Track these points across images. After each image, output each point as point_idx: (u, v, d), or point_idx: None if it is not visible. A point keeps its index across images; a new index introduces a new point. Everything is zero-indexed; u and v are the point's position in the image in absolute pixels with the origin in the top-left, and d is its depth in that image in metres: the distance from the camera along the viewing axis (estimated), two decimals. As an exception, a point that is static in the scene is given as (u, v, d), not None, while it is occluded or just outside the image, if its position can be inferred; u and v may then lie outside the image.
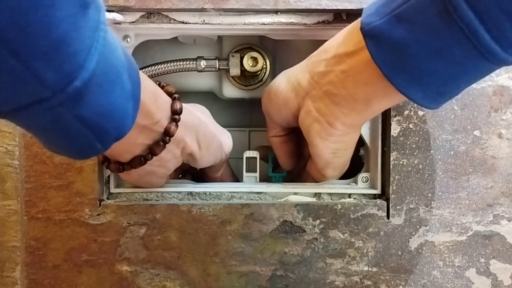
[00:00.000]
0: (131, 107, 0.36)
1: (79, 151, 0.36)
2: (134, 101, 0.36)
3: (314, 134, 0.45)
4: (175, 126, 0.42)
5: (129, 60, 0.36)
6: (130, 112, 0.36)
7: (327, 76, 0.43)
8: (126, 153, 0.42)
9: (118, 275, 0.49)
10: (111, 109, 0.34)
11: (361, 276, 0.49)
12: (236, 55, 0.55)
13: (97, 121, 0.33)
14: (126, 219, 0.48)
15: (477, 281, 0.49)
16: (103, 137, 0.35)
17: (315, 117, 0.45)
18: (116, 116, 0.35)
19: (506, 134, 0.48)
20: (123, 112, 0.35)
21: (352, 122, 0.44)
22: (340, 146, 0.46)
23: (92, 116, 0.33)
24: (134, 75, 0.36)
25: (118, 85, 0.34)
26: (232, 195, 0.50)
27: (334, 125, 0.44)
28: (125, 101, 0.35)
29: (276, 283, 0.49)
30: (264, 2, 0.48)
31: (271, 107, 0.50)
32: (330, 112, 0.44)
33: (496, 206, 0.48)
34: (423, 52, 0.36)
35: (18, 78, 0.27)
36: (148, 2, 0.47)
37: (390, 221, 0.49)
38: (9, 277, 0.48)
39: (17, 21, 0.26)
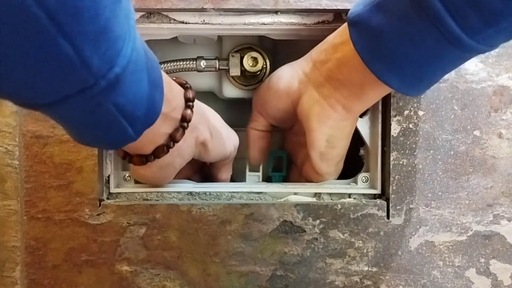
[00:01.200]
0: (158, 95, 0.37)
1: (114, 140, 0.37)
2: (160, 90, 0.38)
3: (313, 117, 0.47)
4: (190, 111, 0.43)
5: (149, 51, 0.38)
6: (158, 100, 0.38)
7: (327, 63, 0.46)
8: (150, 143, 0.43)
9: (118, 275, 0.49)
10: (143, 96, 0.35)
11: (361, 276, 0.49)
12: (236, 55, 0.55)
13: (131, 108, 0.34)
14: (126, 219, 0.48)
15: (477, 281, 0.49)
16: (136, 124, 0.36)
17: (316, 99, 0.47)
18: (147, 103, 0.36)
19: (506, 134, 0.48)
20: (152, 99, 0.36)
21: (351, 106, 0.46)
22: (336, 133, 0.48)
23: (127, 103, 0.34)
24: (158, 65, 0.38)
25: (147, 73, 0.35)
26: (232, 195, 0.50)
27: (335, 107, 0.46)
28: (153, 89, 0.36)
29: (276, 283, 0.49)
30: (264, 2, 0.48)
31: (269, 94, 0.51)
32: (332, 95, 0.46)
33: (496, 206, 0.48)
34: (397, 38, 0.38)
35: (68, 64, 0.28)
36: (148, 2, 0.47)
37: (390, 221, 0.49)
38: (9, 277, 0.48)
39: (71, 5, 0.26)
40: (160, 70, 0.39)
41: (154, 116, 0.38)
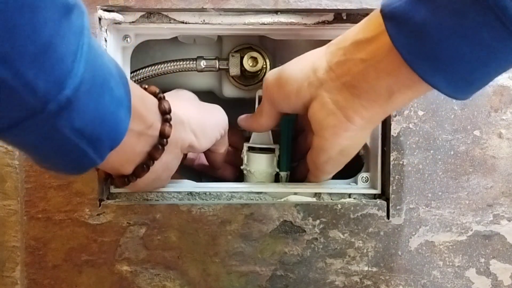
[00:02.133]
0: (123, 113, 0.35)
1: (76, 165, 0.35)
2: (125, 107, 0.35)
3: (327, 129, 0.42)
4: (168, 126, 0.41)
5: (116, 66, 0.36)
6: (123, 118, 0.35)
7: (346, 65, 0.39)
8: (127, 164, 0.41)
9: (118, 275, 0.49)
10: (103, 116, 0.33)
11: (361, 276, 0.49)
12: (236, 55, 0.55)
13: (91, 130, 0.32)
14: (126, 219, 0.48)
15: (477, 281, 0.49)
16: (98, 146, 0.34)
17: (331, 110, 0.41)
18: (109, 123, 0.34)
19: (506, 134, 0.48)
20: (115, 118, 0.34)
21: (372, 116, 0.41)
22: (351, 143, 0.44)
23: (85, 125, 0.32)
24: (123, 81, 0.36)
25: (107, 91, 0.33)
26: (232, 195, 0.50)
27: (353, 119, 0.40)
28: (116, 108, 0.34)
29: (276, 283, 0.49)
30: (264, 2, 0.48)
31: (279, 93, 0.46)
32: (349, 105, 0.40)
33: (496, 206, 0.48)
34: (447, 34, 0.33)
35: (9, 90, 0.26)
36: (148, 2, 0.47)
37: (390, 221, 0.49)
38: (9, 277, 0.48)
39: (3, 22, 0.24)
40: (127, 85, 0.36)
41: (119, 136, 0.35)
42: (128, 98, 0.36)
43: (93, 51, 0.31)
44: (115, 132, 0.35)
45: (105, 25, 0.48)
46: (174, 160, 0.45)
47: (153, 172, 0.43)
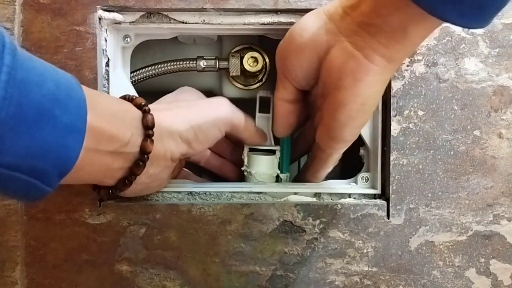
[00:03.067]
0: (71, 140, 0.34)
1: (26, 195, 0.34)
2: (76, 133, 0.34)
3: (347, 75, 0.40)
4: (150, 142, 0.40)
5: (70, 89, 0.34)
6: (71, 145, 0.34)
7: (359, 7, 0.38)
8: (107, 178, 0.41)
9: (118, 275, 0.49)
10: (42, 148, 0.32)
11: (361, 276, 0.49)
12: (236, 55, 0.55)
13: (29, 164, 0.32)
14: (126, 219, 0.48)
15: (477, 281, 0.49)
16: (43, 177, 0.33)
17: (350, 53, 0.39)
18: (51, 153, 0.32)
19: (506, 134, 0.48)
20: (59, 147, 0.33)
21: (392, 54, 0.39)
22: (373, 91, 0.41)
23: (19, 160, 0.31)
24: (76, 105, 0.34)
25: (46, 122, 0.32)
26: (232, 195, 0.50)
27: (373, 59, 0.39)
28: (60, 136, 0.33)
29: (276, 283, 0.49)
30: (264, 2, 0.48)
31: (291, 50, 0.43)
32: (368, 44, 0.38)
33: (496, 206, 0.48)
34: None
35: None
36: (148, 2, 0.47)
37: (390, 221, 0.49)
38: (9, 277, 0.48)
39: None
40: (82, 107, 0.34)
41: (68, 164, 0.34)
42: (80, 121, 0.34)
43: (19, 86, 0.30)
44: (61, 161, 0.34)
45: (105, 25, 0.48)
46: (163, 171, 0.44)
47: (139, 184, 0.42)
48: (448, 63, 0.48)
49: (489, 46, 0.48)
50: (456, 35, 0.48)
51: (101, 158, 0.37)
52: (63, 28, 0.47)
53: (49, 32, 0.47)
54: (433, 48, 0.48)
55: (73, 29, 0.47)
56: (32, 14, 0.47)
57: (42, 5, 0.47)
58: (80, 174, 0.36)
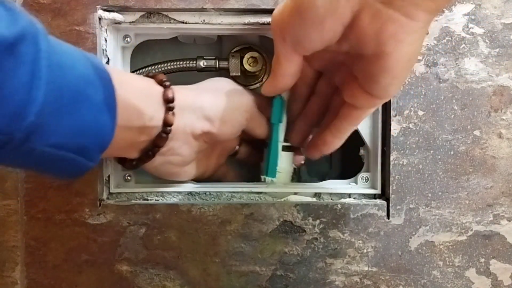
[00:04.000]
0: (107, 117, 0.36)
1: (71, 171, 0.36)
2: (109, 110, 0.36)
3: (388, 40, 0.34)
4: (171, 114, 0.42)
5: (97, 68, 0.36)
6: (107, 122, 0.36)
7: None
8: (133, 151, 0.43)
9: (118, 275, 0.49)
10: (83, 127, 0.34)
11: (361, 276, 0.49)
12: (236, 55, 0.55)
13: (72, 142, 0.34)
14: (126, 219, 0.48)
15: (477, 281, 0.49)
16: (85, 153, 0.35)
17: (388, 15, 0.33)
18: (91, 131, 0.35)
19: (506, 134, 0.48)
20: (97, 125, 0.35)
21: (438, 5, 0.33)
22: (416, 47, 0.36)
23: (64, 139, 0.33)
24: (105, 84, 0.36)
25: (83, 102, 0.34)
26: (232, 195, 0.50)
27: (416, 16, 0.33)
28: (97, 114, 0.35)
29: (276, 283, 0.49)
30: (264, 2, 0.48)
31: (305, 22, 0.36)
32: (408, 2, 0.32)
33: (496, 206, 0.48)
34: None
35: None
36: (148, 2, 0.47)
37: (390, 221, 0.49)
38: (9, 277, 0.48)
39: None
40: (110, 86, 0.36)
41: (105, 140, 0.37)
42: (111, 99, 0.36)
43: (56, 70, 0.32)
44: (100, 137, 0.36)
45: (105, 25, 0.48)
46: (183, 146, 0.45)
47: (159, 156, 0.44)
48: (448, 63, 0.48)
49: (489, 46, 0.48)
50: (456, 35, 0.48)
51: (130, 132, 0.39)
52: (63, 28, 0.47)
53: (49, 32, 0.47)
54: (433, 48, 0.48)
55: (73, 29, 0.47)
56: (32, 14, 0.47)
57: (42, 5, 0.47)
58: (114, 148, 0.38)
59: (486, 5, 0.48)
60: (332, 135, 0.44)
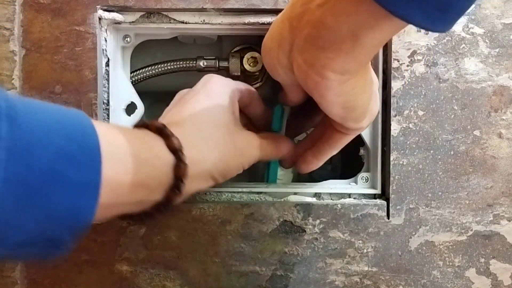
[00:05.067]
0: (86, 199, 0.29)
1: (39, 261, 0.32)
2: (90, 191, 0.29)
3: (313, 92, 0.37)
4: (177, 195, 0.36)
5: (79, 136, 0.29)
6: (86, 205, 0.29)
7: (304, 17, 0.34)
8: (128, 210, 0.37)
9: (118, 275, 0.49)
10: (53, 216, 0.28)
11: (361, 276, 0.49)
12: (236, 55, 0.55)
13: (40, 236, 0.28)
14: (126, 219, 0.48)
15: (477, 281, 0.49)
16: (57, 244, 0.29)
17: (305, 72, 0.36)
18: (64, 219, 0.28)
19: (506, 134, 0.48)
20: (72, 211, 0.29)
21: (343, 67, 0.34)
22: (346, 97, 0.37)
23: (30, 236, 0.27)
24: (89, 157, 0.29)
25: (57, 185, 0.27)
26: (232, 195, 0.50)
27: (325, 75, 0.35)
28: (73, 198, 0.28)
29: (276, 283, 0.49)
30: (264, 2, 0.48)
31: (268, 68, 0.41)
32: (317, 61, 0.34)
33: (496, 206, 0.48)
34: None
35: None
36: (148, 2, 0.47)
37: (390, 221, 0.49)
38: (8, 277, 0.48)
39: None
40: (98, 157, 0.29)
41: (84, 224, 0.30)
42: (95, 175, 0.29)
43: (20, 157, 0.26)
44: (77, 223, 0.29)
45: (105, 25, 0.48)
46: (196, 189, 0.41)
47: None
48: (448, 63, 0.48)
49: (489, 46, 0.48)
50: (456, 35, 0.48)
51: (121, 209, 0.34)
52: (63, 28, 0.47)
53: (49, 32, 0.47)
54: (433, 48, 0.48)
55: (73, 29, 0.47)
56: (32, 14, 0.47)
57: (42, 5, 0.47)
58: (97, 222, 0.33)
59: (486, 5, 0.48)
60: (313, 156, 0.47)
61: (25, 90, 0.47)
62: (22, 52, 0.47)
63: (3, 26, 0.47)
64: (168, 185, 0.36)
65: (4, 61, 0.47)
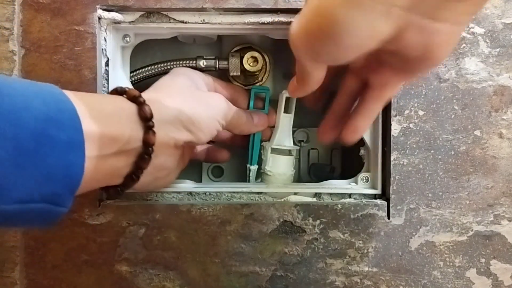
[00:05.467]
0: (73, 156, 0.32)
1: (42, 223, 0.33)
2: (76, 147, 0.33)
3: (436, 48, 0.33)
4: (152, 134, 0.39)
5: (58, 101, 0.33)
6: (75, 161, 0.33)
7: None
8: (115, 178, 0.40)
9: (117, 275, 0.48)
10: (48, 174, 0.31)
11: (361, 276, 0.49)
12: (236, 55, 0.55)
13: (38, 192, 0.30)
14: (126, 219, 0.48)
15: (478, 282, 0.49)
16: (56, 200, 0.32)
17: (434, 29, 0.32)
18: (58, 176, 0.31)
19: (507, 134, 0.48)
20: (64, 168, 0.32)
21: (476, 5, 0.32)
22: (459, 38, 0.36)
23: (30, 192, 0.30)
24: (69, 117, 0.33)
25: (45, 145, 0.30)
26: (232, 195, 0.50)
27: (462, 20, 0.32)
28: (62, 156, 0.32)
29: (276, 283, 0.49)
30: (264, 2, 0.48)
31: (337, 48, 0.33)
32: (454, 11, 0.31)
33: (496, 206, 0.48)
34: None
35: None
36: (148, 1, 0.47)
37: (390, 221, 0.48)
38: (8, 277, 0.48)
39: None
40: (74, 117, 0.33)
41: (76, 179, 0.33)
42: (77, 133, 0.33)
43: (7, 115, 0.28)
44: (70, 179, 0.33)
45: (105, 24, 0.48)
46: (168, 159, 0.43)
47: (146, 176, 0.41)
48: (449, 62, 0.48)
49: (489, 45, 0.48)
50: (457, 34, 0.48)
51: (106, 162, 0.36)
52: (62, 27, 0.47)
53: (48, 32, 0.47)
54: (433, 47, 0.48)
55: (73, 28, 0.47)
56: (31, 14, 0.47)
57: (42, 4, 0.47)
58: (89, 183, 0.35)
59: (487, 4, 0.47)
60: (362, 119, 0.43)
61: (25, 90, 0.47)
62: (21, 52, 0.47)
63: (3, 26, 0.47)
64: (141, 130, 0.39)
65: (3, 60, 0.47)
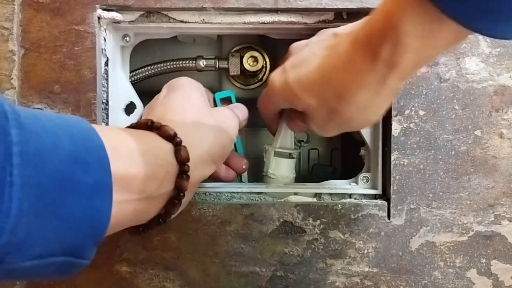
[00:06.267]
0: (100, 201, 0.29)
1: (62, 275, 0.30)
2: (103, 192, 0.29)
3: None
4: (186, 179, 0.36)
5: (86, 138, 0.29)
6: (101, 208, 0.29)
7: None
8: (140, 221, 0.37)
9: (117, 276, 0.48)
10: (71, 223, 0.27)
11: (362, 276, 0.49)
12: (236, 55, 0.55)
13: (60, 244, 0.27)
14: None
15: (478, 282, 0.49)
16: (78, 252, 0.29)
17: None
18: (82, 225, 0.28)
19: (507, 134, 0.48)
20: (89, 216, 0.28)
21: None
22: None
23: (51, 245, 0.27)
24: (96, 158, 0.29)
25: (71, 191, 0.27)
26: (232, 195, 0.50)
27: None
28: (88, 202, 0.28)
29: (276, 283, 0.49)
30: (264, 1, 0.47)
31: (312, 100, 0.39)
32: None
33: (497, 206, 0.48)
34: None
35: None
36: (148, 1, 0.47)
37: (390, 221, 0.48)
38: (7, 278, 0.48)
39: None
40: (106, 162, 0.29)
41: (102, 227, 0.29)
42: (105, 175, 0.29)
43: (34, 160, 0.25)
44: (94, 228, 0.29)
45: (104, 24, 0.48)
46: (191, 192, 0.42)
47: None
48: (449, 62, 0.48)
49: (490, 45, 0.48)
50: (457, 34, 0.48)
51: (135, 206, 0.33)
52: (62, 27, 0.47)
53: (48, 32, 0.47)
54: (434, 47, 0.48)
55: (72, 28, 0.47)
56: (31, 14, 0.47)
57: (41, 4, 0.47)
58: (112, 229, 0.32)
59: (487, 4, 0.47)
60: None
61: (24, 89, 0.47)
62: (21, 52, 0.47)
63: (2, 26, 0.47)
64: (175, 173, 0.36)
65: (3, 60, 0.47)
